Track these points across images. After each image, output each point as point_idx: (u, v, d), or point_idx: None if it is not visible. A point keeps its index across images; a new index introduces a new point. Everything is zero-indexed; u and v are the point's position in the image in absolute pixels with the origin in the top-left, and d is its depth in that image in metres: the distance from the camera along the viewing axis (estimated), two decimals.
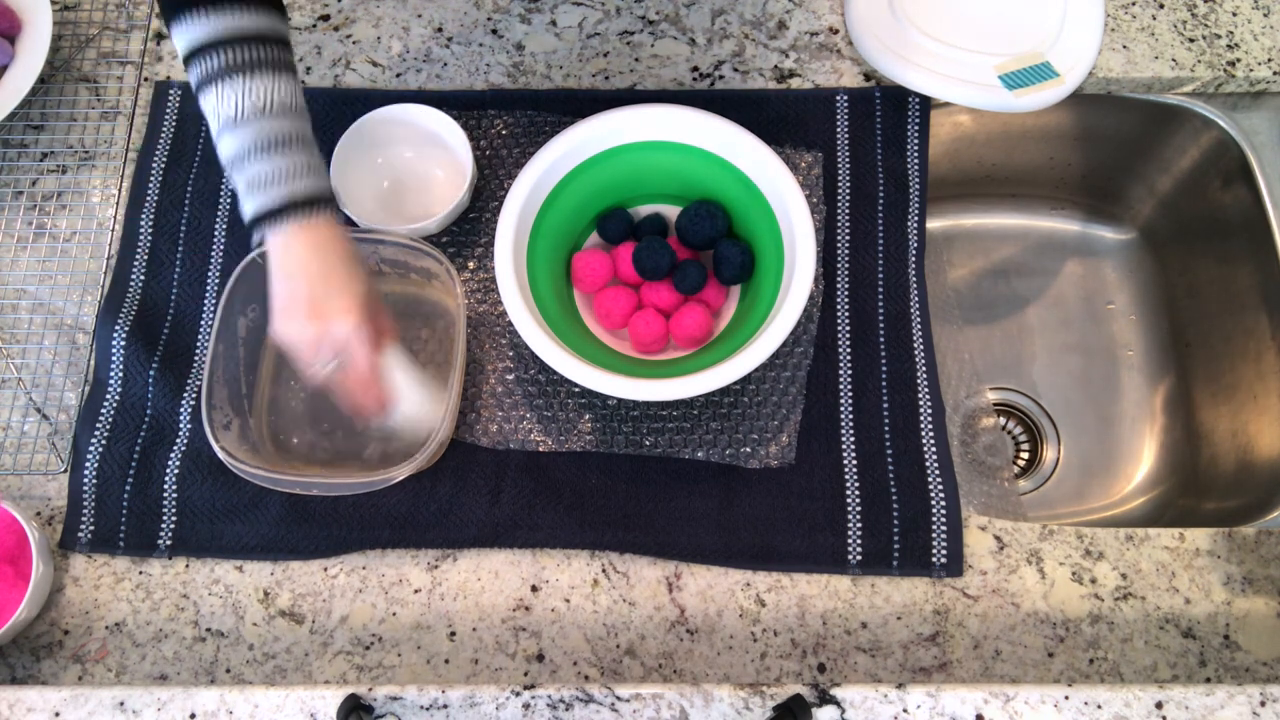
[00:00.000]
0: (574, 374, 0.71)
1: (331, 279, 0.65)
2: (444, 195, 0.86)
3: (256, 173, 0.64)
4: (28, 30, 0.89)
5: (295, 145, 0.65)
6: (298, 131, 0.66)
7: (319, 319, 0.65)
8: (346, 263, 0.66)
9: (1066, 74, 0.84)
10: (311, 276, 0.65)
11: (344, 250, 0.67)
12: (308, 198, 0.65)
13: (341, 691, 0.63)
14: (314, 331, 0.65)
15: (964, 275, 1.07)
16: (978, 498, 0.86)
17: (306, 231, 0.65)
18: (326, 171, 0.68)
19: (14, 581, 0.72)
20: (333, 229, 0.67)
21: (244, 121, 0.63)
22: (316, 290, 0.65)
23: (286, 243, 0.65)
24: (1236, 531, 0.76)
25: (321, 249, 0.65)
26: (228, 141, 0.64)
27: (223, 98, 0.63)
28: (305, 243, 0.65)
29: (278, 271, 0.66)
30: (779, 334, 0.71)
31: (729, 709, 0.62)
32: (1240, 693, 0.61)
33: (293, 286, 0.65)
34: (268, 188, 0.64)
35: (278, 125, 0.64)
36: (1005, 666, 0.72)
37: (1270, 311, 0.90)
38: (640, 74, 0.91)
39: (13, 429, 0.81)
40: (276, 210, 0.64)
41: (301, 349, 0.66)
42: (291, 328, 0.66)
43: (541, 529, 0.76)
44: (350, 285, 0.66)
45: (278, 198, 0.64)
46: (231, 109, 0.63)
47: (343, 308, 0.65)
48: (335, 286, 0.65)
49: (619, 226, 0.83)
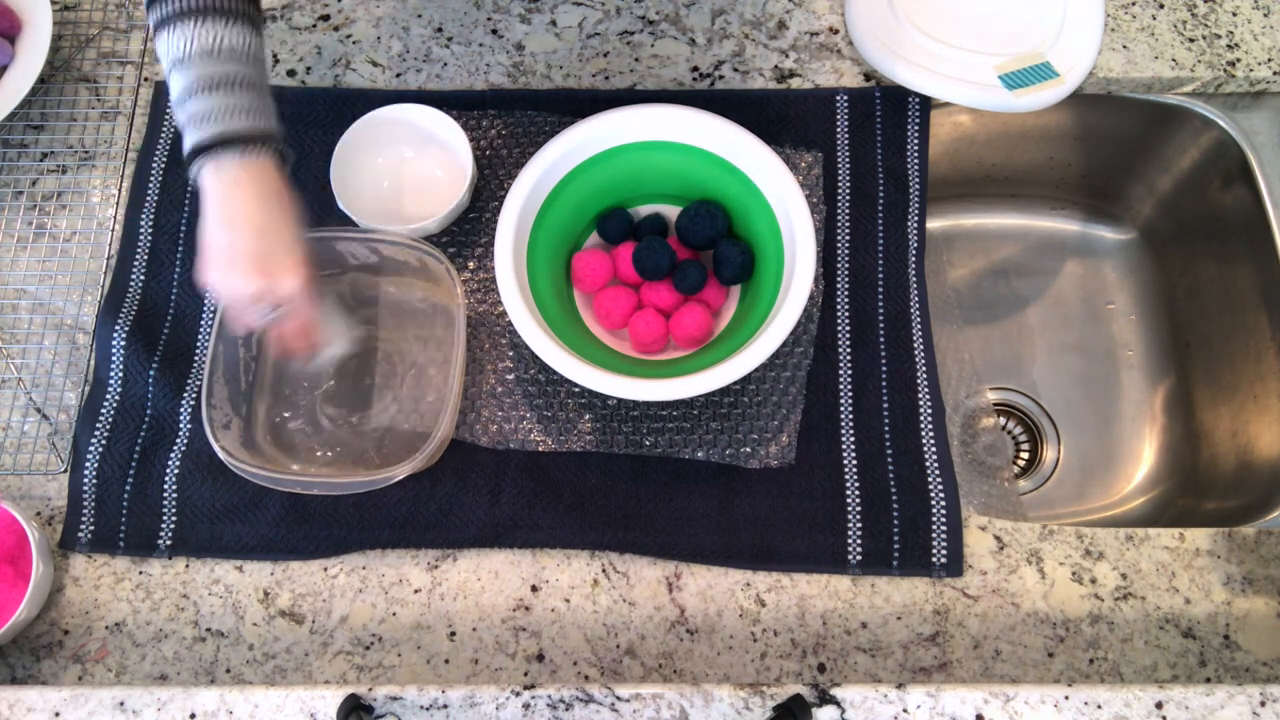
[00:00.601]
0: (574, 374, 0.71)
1: (278, 232, 0.64)
2: (444, 195, 0.86)
3: (196, 108, 0.63)
4: (28, 30, 0.89)
5: (240, 87, 0.64)
6: (246, 75, 0.64)
7: (264, 276, 0.64)
8: (288, 214, 0.65)
9: (1066, 74, 0.84)
10: (257, 228, 0.63)
11: (283, 198, 0.65)
12: (247, 133, 0.63)
13: (341, 691, 0.63)
14: (257, 288, 0.64)
15: (964, 275, 1.07)
16: (978, 498, 0.86)
17: (246, 173, 0.63)
18: (275, 118, 0.67)
19: (14, 581, 0.72)
20: (274, 171, 0.65)
21: (190, 61, 0.63)
22: (263, 244, 0.63)
23: (225, 184, 0.63)
24: (1236, 531, 0.76)
25: (265, 198, 0.64)
26: (175, 80, 0.63)
27: (174, 39, 0.63)
28: (246, 188, 0.63)
29: (215, 216, 0.64)
30: (779, 334, 0.71)
31: (729, 709, 0.62)
32: (1240, 693, 0.61)
33: (234, 237, 0.64)
34: (205, 123, 0.63)
35: (225, 67, 0.63)
36: (1005, 666, 0.72)
37: (1270, 311, 0.90)
38: (640, 74, 0.91)
39: (13, 429, 0.81)
40: (211, 143, 0.63)
41: (240, 298, 0.65)
42: (231, 281, 0.64)
43: (541, 529, 0.76)
44: (296, 241, 0.65)
45: (214, 132, 0.63)
46: (180, 49, 0.63)
47: (290, 267, 0.64)
48: (282, 242, 0.64)
49: (619, 226, 0.83)
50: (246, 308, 0.66)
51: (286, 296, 0.65)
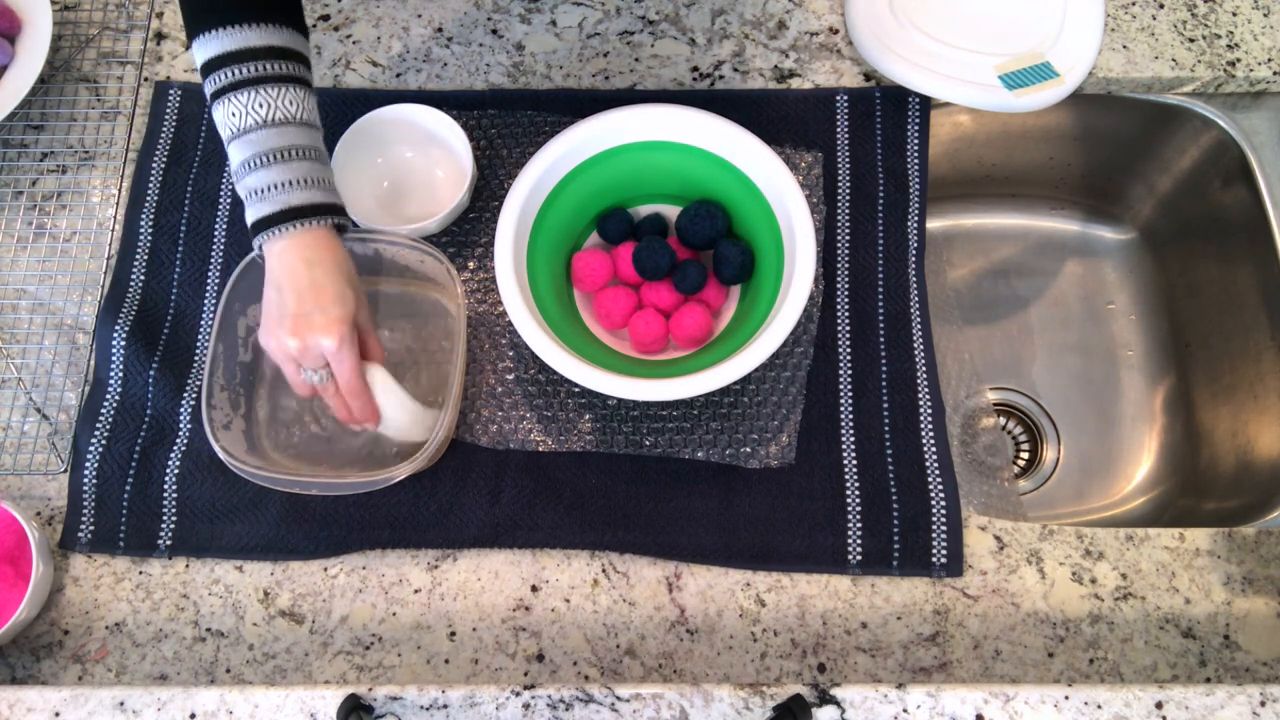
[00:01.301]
0: (574, 374, 0.71)
1: (320, 295, 0.65)
2: (444, 195, 0.86)
3: (256, 183, 0.65)
4: (28, 30, 0.89)
5: (298, 156, 0.66)
6: (303, 144, 0.66)
7: (300, 334, 0.65)
8: (337, 279, 0.66)
9: (1066, 74, 0.84)
10: (300, 291, 0.65)
11: (337, 265, 0.67)
12: (305, 207, 0.65)
13: (341, 691, 0.63)
14: (295, 346, 0.65)
15: (964, 275, 1.07)
16: (978, 498, 0.86)
17: (300, 241, 0.65)
18: (333, 185, 0.69)
19: (14, 581, 0.72)
20: (329, 242, 0.67)
21: (249, 132, 0.64)
22: (303, 305, 0.65)
23: (279, 252, 0.65)
24: (1236, 531, 0.76)
25: (313, 262, 0.66)
26: (234, 151, 0.65)
27: (231, 109, 0.65)
28: (298, 253, 0.65)
29: (269, 280, 0.67)
30: (779, 334, 0.71)
31: (729, 709, 0.62)
32: (1240, 693, 0.61)
33: (280, 299, 0.66)
34: (266, 197, 0.65)
35: (281, 137, 0.65)
36: (1005, 666, 0.72)
37: (1270, 311, 0.90)
38: (640, 74, 0.91)
39: (13, 429, 0.81)
40: (271, 218, 0.65)
41: (285, 360, 0.67)
42: (273, 339, 0.66)
43: (541, 529, 0.76)
44: (337, 304, 0.66)
45: (274, 206, 0.65)
46: (239, 120, 0.64)
47: (324, 326, 0.65)
48: (322, 303, 0.65)
49: (619, 226, 0.83)
50: (291, 368, 0.68)
51: (323, 355, 0.66)
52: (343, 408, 0.70)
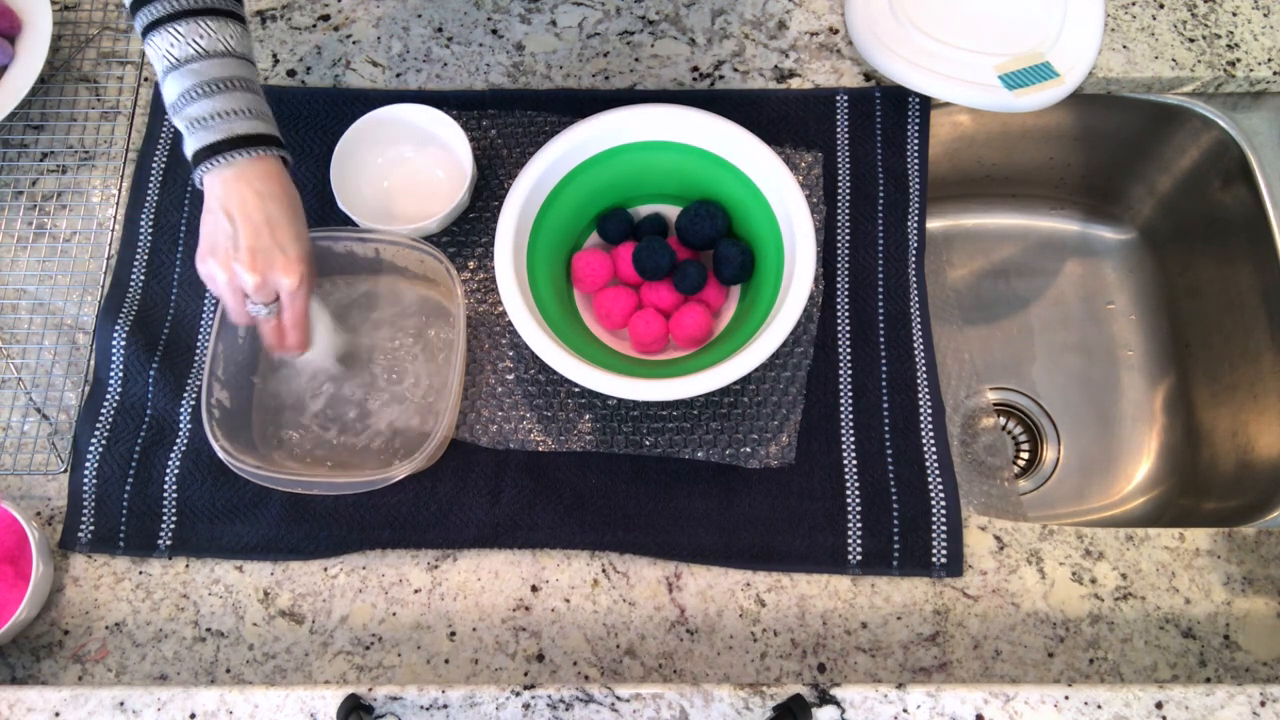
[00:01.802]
0: (574, 374, 0.71)
1: (277, 230, 0.64)
2: (444, 195, 0.86)
3: (199, 111, 0.63)
4: (28, 30, 0.89)
5: (238, 88, 0.64)
6: (243, 76, 0.65)
7: (259, 271, 0.64)
8: (291, 213, 0.65)
9: (1066, 74, 0.84)
10: (255, 223, 0.64)
11: (289, 198, 0.66)
12: (252, 136, 0.64)
13: (341, 691, 0.63)
14: (252, 281, 0.64)
15: (964, 275, 1.07)
16: (978, 498, 0.86)
17: (251, 170, 0.64)
18: (271, 116, 0.67)
19: (14, 581, 0.72)
20: (279, 173, 0.66)
21: (187, 62, 0.63)
22: (260, 239, 0.64)
23: (228, 179, 0.64)
24: (1236, 531, 0.76)
25: (265, 194, 0.64)
26: (171, 84, 0.64)
27: (166, 41, 0.63)
28: (249, 184, 0.64)
29: (215, 206, 0.64)
30: (779, 334, 0.71)
31: (729, 709, 0.62)
32: (1240, 693, 0.61)
33: (233, 229, 0.64)
34: (210, 125, 0.63)
35: (222, 67, 0.64)
36: (1005, 666, 0.72)
37: (1270, 311, 0.90)
38: (640, 74, 0.91)
39: (13, 429, 0.81)
40: (217, 144, 0.63)
41: (233, 292, 0.66)
42: (224, 271, 0.65)
43: (541, 529, 0.76)
44: (294, 242, 0.65)
45: (220, 133, 0.63)
46: (178, 50, 0.63)
47: (287, 264, 0.64)
48: (281, 239, 0.64)
49: (619, 226, 0.83)
50: (238, 301, 0.67)
51: (282, 291, 0.65)
52: (277, 337, 0.70)
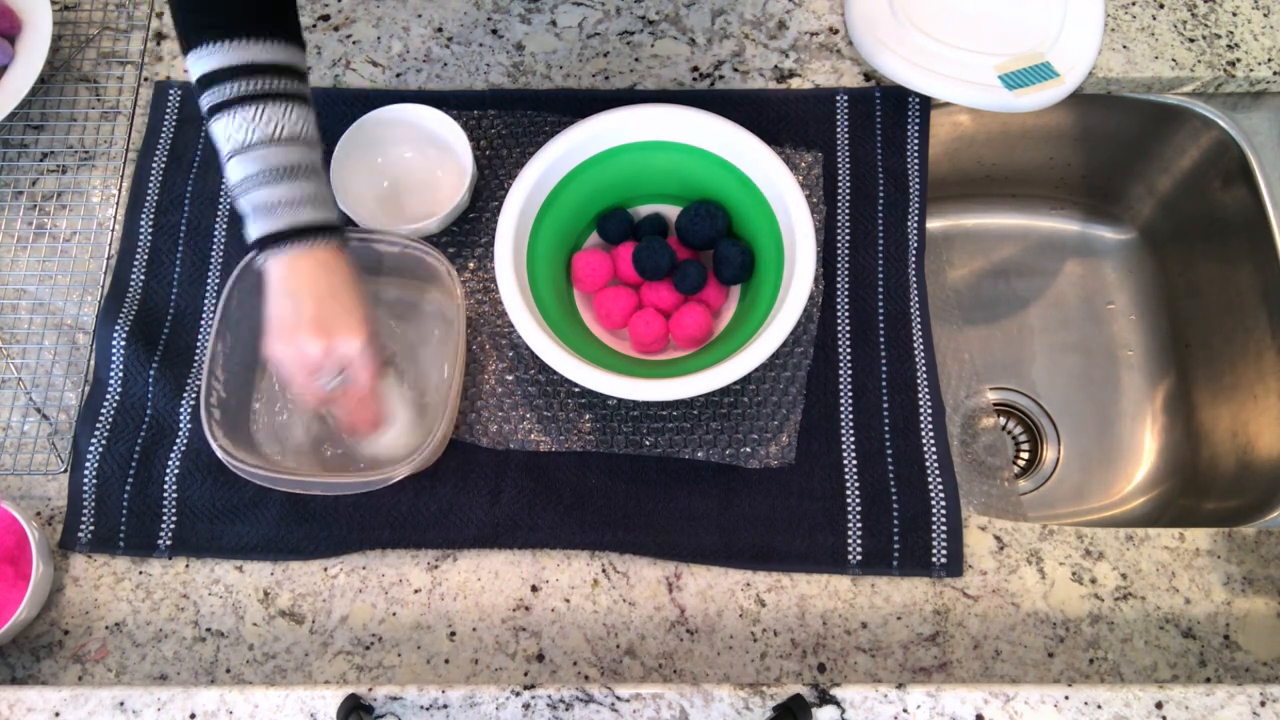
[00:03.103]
0: (574, 374, 0.71)
1: (339, 298, 0.65)
2: (444, 195, 0.86)
3: (263, 198, 0.64)
4: (28, 30, 0.89)
5: (303, 174, 0.65)
6: (307, 162, 0.66)
7: (325, 336, 0.64)
8: (351, 286, 0.67)
9: (1066, 74, 0.84)
10: (319, 295, 0.65)
11: (349, 275, 0.67)
12: (314, 225, 0.65)
13: (341, 691, 0.63)
14: (319, 349, 0.65)
15: (964, 275, 1.07)
16: (978, 498, 0.86)
17: (310, 257, 0.65)
18: (334, 205, 0.69)
19: (14, 581, 0.72)
20: (338, 256, 0.67)
21: (252, 148, 0.64)
22: (324, 308, 0.65)
23: (290, 261, 0.65)
24: (1236, 531, 0.76)
25: (327, 270, 0.65)
26: (235, 167, 0.65)
27: (233, 125, 0.64)
28: (310, 264, 0.65)
29: (278, 290, 0.65)
30: (779, 334, 0.71)
31: (729, 709, 0.62)
32: (1240, 693, 0.61)
33: (296, 305, 0.65)
34: (274, 213, 0.64)
35: (287, 154, 0.65)
36: (1005, 666, 0.72)
37: (1270, 311, 0.90)
38: (640, 74, 0.91)
39: (13, 429, 0.81)
40: (281, 234, 0.64)
41: (302, 367, 0.66)
42: (292, 347, 0.65)
43: (541, 529, 0.76)
44: (357, 307, 0.66)
45: (284, 223, 0.64)
46: (241, 136, 0.64)
47: (350, 326, 0.65)
48: (342, 306, 0.65)
49: (619, 226, 0.83)
50: (309, 374, 0.66)
51: (347, 357, 0.66)
52: (354, 414, 0.70)
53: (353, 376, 0.67)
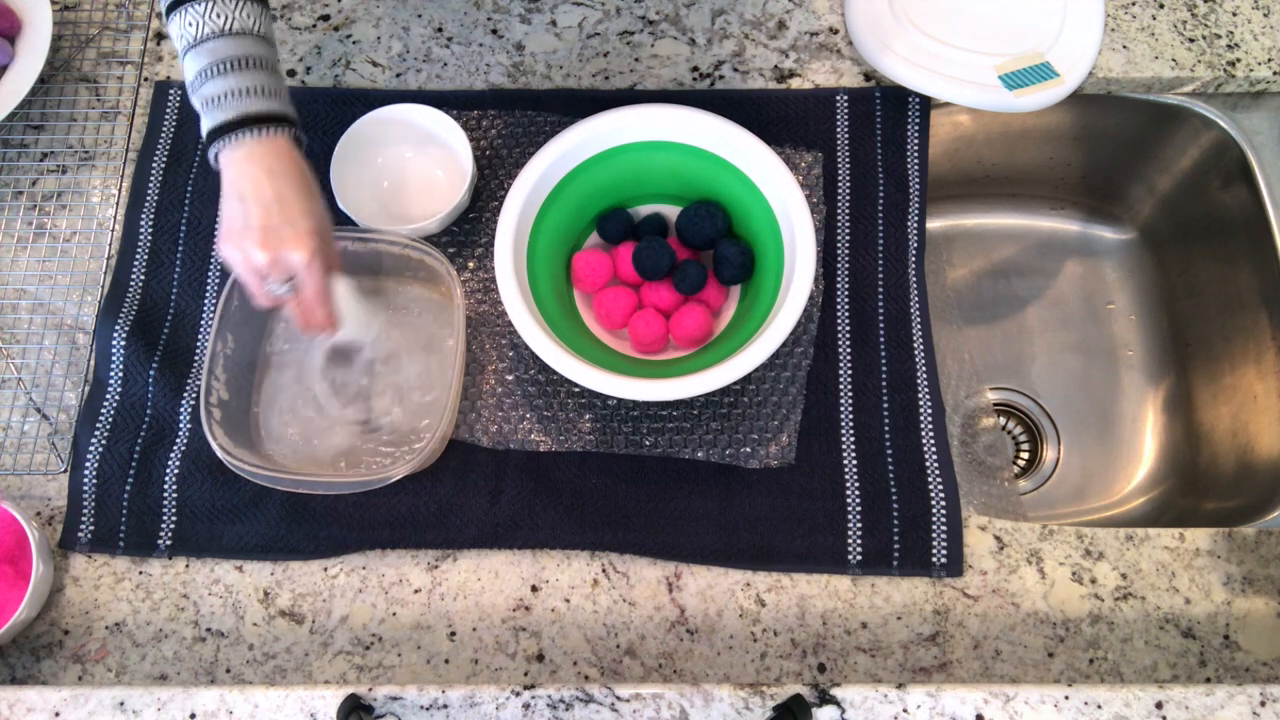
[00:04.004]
0: (574, 374, 0.71)
1: (287, 207, 0.65)
2: (444, 195, 0.86)
3: (213, 90, 0.64)
4: (28, 30, 0.89)
5: (254, 67, 0.65)
6: (259, 55, 0.66)
7: (270, 248, 0.64)
8: (302, 189, 0.66)
9: (1066, 74, 0.84)
10: (265, 202, 0.64)
11: (300, 175, 0.66)
12: (263, 115, 0.65)
13: (341, 691, 0.63)
14: (264, 260, 0.65)
15: (964, 275, 1.07)
16: (978, 498, 0.86)
17: (261, 149, 0.65)
18: (288, 97, 0.68)
19: (14, 581, 0.72)
20: (289, 151, 0.66)
21: (204, 41, 0.64)
22: (271, 218, 0.64)
23: (239, 160, 0.64)
24: (1236, 531, 0.76)
25: (276, 172, 0.65)
26: (189, 63, 0.65)
27: (186, 20, 0.64)
28: (260, 163, 0.64)
29: (229, 190, 0.65)
30: (779, 334, 0.71)
31: (729, 709, 0.62)
32: (1240, 693, 0.61)
33: (245, 209, 0.65)
34: (223, 104, 0.64)
35: (238, 48, 0.65)
36: (1005, 666, 0.72)
37: (1270, 311, 0.90)
38: (640, 74, 0.91)
39: (13, 429, 0.81)
40: (229, 124, 0.64)
41: (250, 272, 0.66)
42: (239, 252, 0.65)
43: (541, 529, 0.76)
44: (306, 216, 0.65)
45: (231, 113, 0.64)
46: (194, 30, 0.64)
47: (296, 239, 0.65)
48: (290, 215, 0.65)
49: (619, 226, 0.83)
50: (256, 281, 0.67)
51: (293, 267, 0.66)
52: (304, 315, 0.70)
53: (301, 284, 0.67)
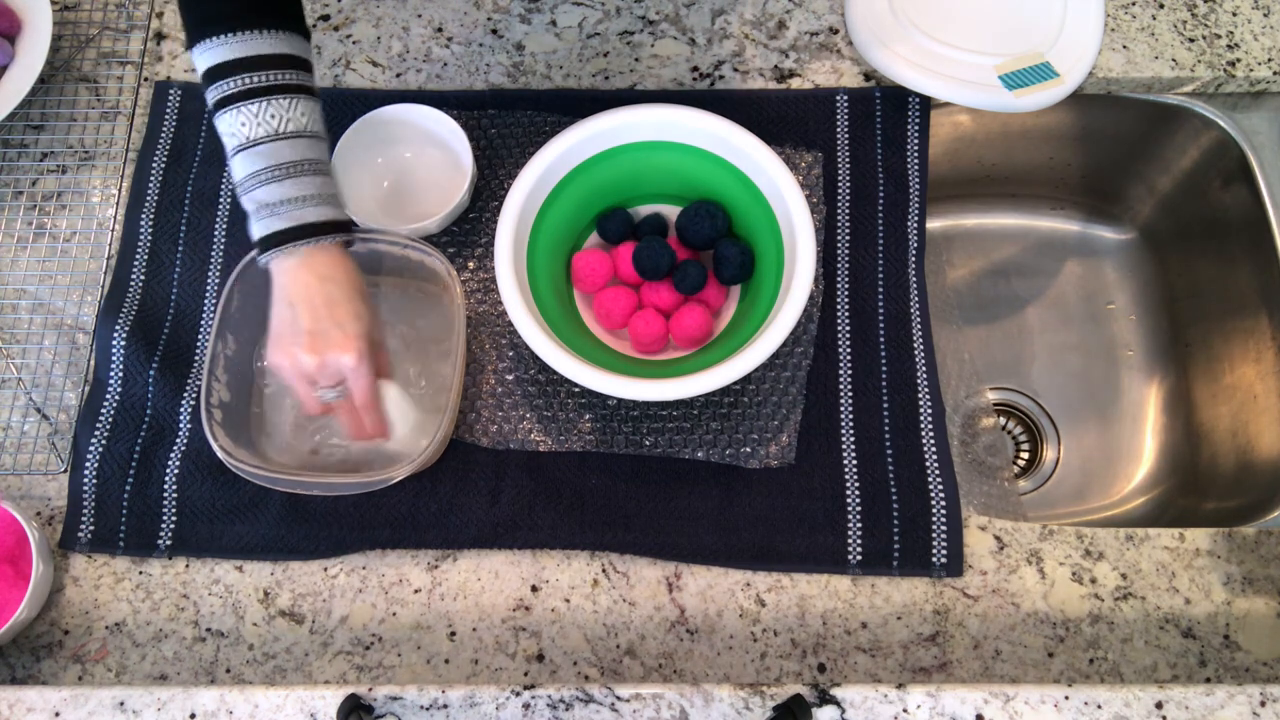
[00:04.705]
0: (574, 374, 0.71)
1: (335, 312, 0.65)
2: (444, 195, 0.86)
3: (267, 197, 0.64)
4: (28, 30, 0.89)
5: (308, 171, 0.65)
6: (312, 157, 0.65)
7: (317, 352, 0.64)
8: (351, 295, 0.66)
9: (1066, 74, 0.84)
10: (314, 307, 0.65)
11: (350, 280, 0.67)
12: (319, 224, 0.65)
13: (341, 691, 0.63)
14: (311, 364, 0.65)
15: (964, 275, 1.07)
16: (978, 498, 0.86)
17: (315, 257, 0.65)
18: (340, 198, 0.68)
19: (14, 581, 0.72)
20: (341, 258, 0.66)
21: (260, 143, 0.63)
22: (319, 322, 0.64)
23: (291, 268, 0.65)
24: (1236, 531, 0.76)
25: (326, 277, 0.65)
26: (240, 163, 0.64)
27: (238, 120, 0.63)
28: (311, 270, 0.65)
29: (279, 297, 0.66)
30: (779, 334, 0.71)
31: (729, 709, 0.62)
32: (1240, 693, 0.61)
33: (293, 315, 0.65)
34: (278, 212, 0.64)
35: (294, 150, 0.64)
36: (1005, 666, 0.72)
37: (1270, 311, 0.90)
38: (640, 74, 0.91)
39: (13, 429, 0.81)
40: (285, 234, 0.64)
41: (299, 378, 0.66)
42: (287, 358, 0.65)
43: (541, 529, 0.76)
44: (353, 321, 0.66)
45: (288, 222, 0.64)
46: (246, 131, 0.63)
47: (343, 343, 0.65)
48: (338, 320, 0.65)
49: (619, 226, 0.83)
50: (304, 387, 0.67)
51: (341, 372, 0.66)
52: (355, 424, 0.70)
53: (350, 389, 0.67)
